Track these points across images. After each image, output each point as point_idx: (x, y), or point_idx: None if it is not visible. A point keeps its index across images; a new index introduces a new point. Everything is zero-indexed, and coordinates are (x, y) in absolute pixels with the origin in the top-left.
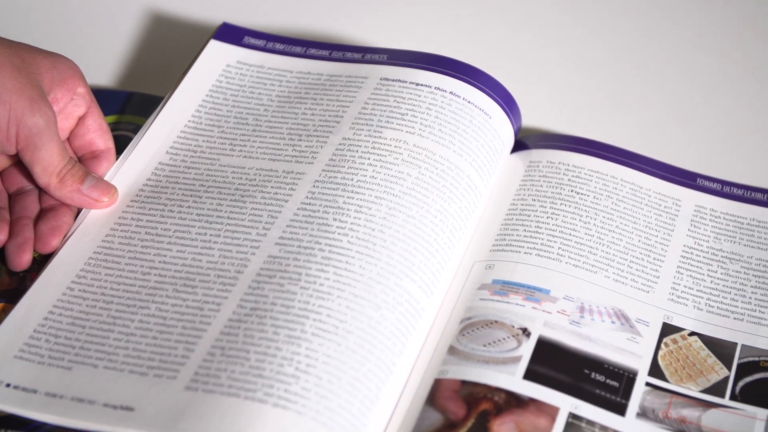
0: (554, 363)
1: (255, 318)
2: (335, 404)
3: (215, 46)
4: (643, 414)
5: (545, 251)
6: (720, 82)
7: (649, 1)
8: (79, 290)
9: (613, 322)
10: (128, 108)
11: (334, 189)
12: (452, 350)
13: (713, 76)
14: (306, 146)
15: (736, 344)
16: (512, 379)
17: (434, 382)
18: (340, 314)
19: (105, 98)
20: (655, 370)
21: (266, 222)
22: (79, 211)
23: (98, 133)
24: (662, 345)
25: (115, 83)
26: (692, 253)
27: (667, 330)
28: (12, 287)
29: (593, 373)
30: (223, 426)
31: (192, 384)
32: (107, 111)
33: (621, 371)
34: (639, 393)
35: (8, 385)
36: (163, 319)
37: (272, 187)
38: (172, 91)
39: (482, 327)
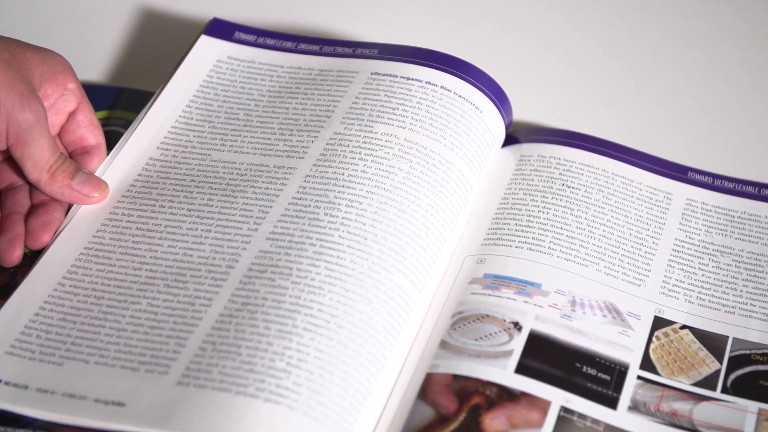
0: (546, 357)
1: (246, 313)
2: (327, 399)
3: (206, 42)
4: (635, 407)
5: (536, 245)
6: (711, 76)
7: None
8: (71, 286)
9: (605, 316)
10: (119, 103)
11: (325, 184)
12: (444, 344)
13: (704, 70)
14: (297, 141)
15: (728, 337)
16: (504, 373)
17: (426, 377)
18: (332, 309)
19: (96, 94)
20: (647, 364)
21: (257, 217)
22: (70, 207)
23: (89, 129)
24: (654, 338)
25: (106, 79)
26: (683, 247)
27: (659, 323)
28: (3, 283)
29: (585, 367)
30: (215, 421)
31: (183, 379)
32: (98, 106)
33: (612, 365)
34: (631, 386)
35: None
36: (155, 315)
37: (263, 182)
38: (163, 87)
39: (474, 321)
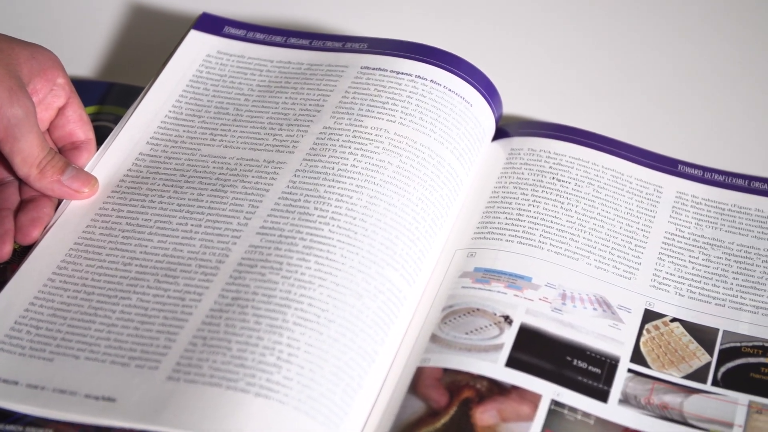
0: (536, 350)
1: (236, 308)
2: (317, 393)
3: (195, 37)
4: (626, 400)
5: (527, 239)
6: (701, 69)
7: None
8: (60, 281)
9: (595, 309)
10: (109, 99)
11: (315, 178)
12: (434, 338)
13: (695, 63)
14: (287, 135)
15: (718, 330)
16: (494, 367)
17: (416, 371)
18: (322, 303)
19: (85, 89)
20: (637, 357)
21: (247, 212)
22: (60, 202)
23: (78, 124)
24: (644, 331)
25: (96, 74)
26: (674, 240)
27: (649, 316)
28: None
29: (575, 360)
30: (206, 416)
31: (174, 374)
32: (87, 102)
33: (603, 358)
34: (621, 379)
35: None
36: (145, 310)
37: (253, 177)
38: (152, 82)
39: (464, 315)
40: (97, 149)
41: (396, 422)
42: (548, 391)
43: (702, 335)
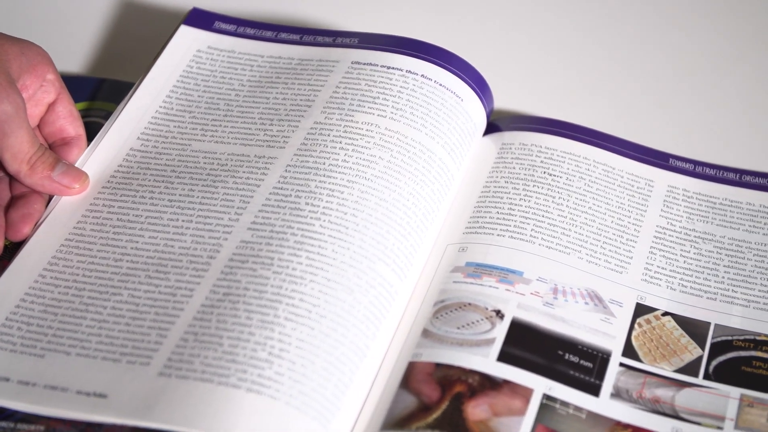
0: (528, 345)
1: (228, 303)
2: (309, 388)
3: (185, 32)
4: (617, 394)
5: (518, 233)
6: (692, 63)
7: None
8: (51, 277)
9: (587, 303)
10: (99, 94)
11: (306, 173)
12: (426, 333)
13: (686, 57)
14: (278, 131)
15: (709, 324)
16: (486, 361)
17: (408, 365)
18: (313, 298)
19: (76, 85)
20: (629, 351)
21: (238, 207)
22: (51, 198)
23: (68, 120)
24: (636, 325)
25: (86, 70)
26: (665, 234)
27: (641, 310)
28: None
29: (567, 354)
30: (197, 412)
31: (165, 370)
32: (78, 98)
33: (595, 352)
34: (613, 373)
35: None
36: (136, 306)
37: (244, 172)
38: (143, 77)
39: (456, 309)
40: (88, 145)
41: (388, 417)
42: (540, 386)
43: (693, 329)
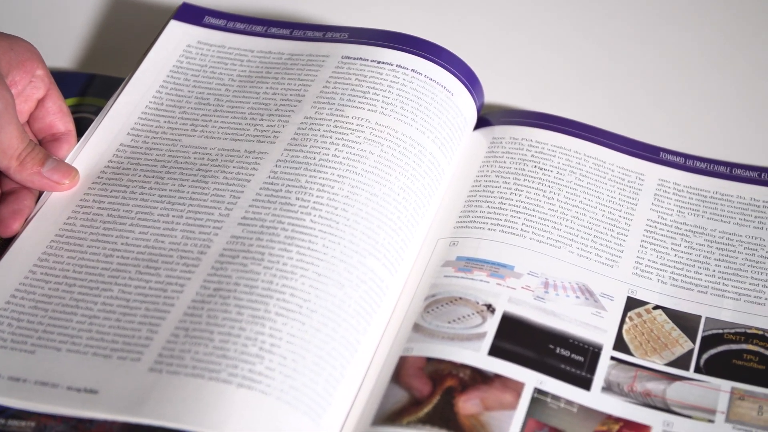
0: (519, 339)
1: (218, 298)
2: (300, 383)
3: (175, 27)
4: (609, 388)
5: (509, 227)
6: (683, 57)
7: None
8: (42, 273)
9: (578, 297)
10: (90, 90)
11: (297, 168)
12: (417, 327)
13: (676, 50)
14: (268, 126)
15: (700, 317)
16: (477, 356)
17: (399, 360)
18: (304, 293)
19: (65, 80)
20: (620, 344)
21: (229, 202)
22: (41, 194)
23: (58, 116)
24: (627, 319)
25: (76, 65)
26: (656, 227)
27: (632, 304)
28: None
29: (558, 348)
30: (188, 407)
31: (156, 366)
32: (68, 93)
33: (586, 346)
34: (604, 367)
35: None
36: (127, 301)
37: (234, 167)
38: (133, 73)
39: (447, 304)
40: (78, 141)
41: (379, 412)
42: (531, 380)
43: (684, 322)
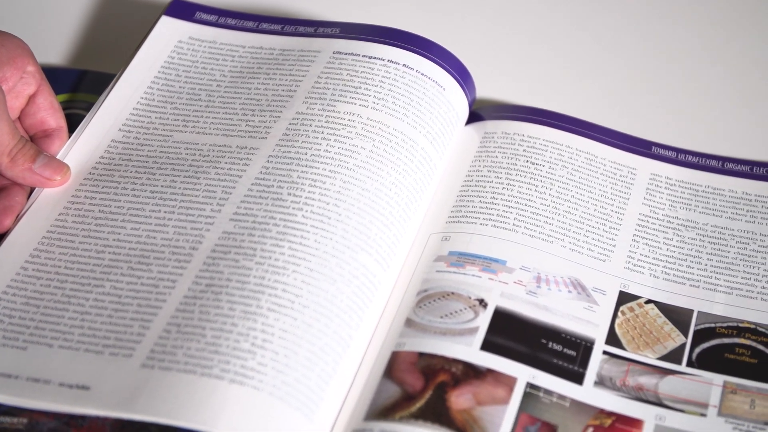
0: (511, 333)
1: (210, 294)
2: (292, 379)
3: (167, 22)
4: (601, 382)
5: (501, 222)
6: (674, 51)
7: None
8: (33, 270)
9: (570, 292)
10: (81, 86)
11: (288, 163)
12: (409, 322)
13: (667, 45)
14: (259, 121)
15: (693, 311)
16: (469, 350)
17: (391, 355)
18: (296, 289)
19: (57, 77)
20: (612, 339)
21: (220, 198)
22: (32, 191)
23: (49, 112)
24: (619, 313)
25: (67, 61)
26: (648, 221)
27: (624, 298)
28: None
29: (550, 343)
30: (180, 403)
31: (148, 362)
32: (59, 89)
33: (578, 340)
34: (596, 361)
35: None
36: (118, 297)
37: (226, 163)
38: (124, 68)
39: (439, 299)
40: (69, 137)
41: (371, 407)
42: (523, 374)
43: (677, 316)
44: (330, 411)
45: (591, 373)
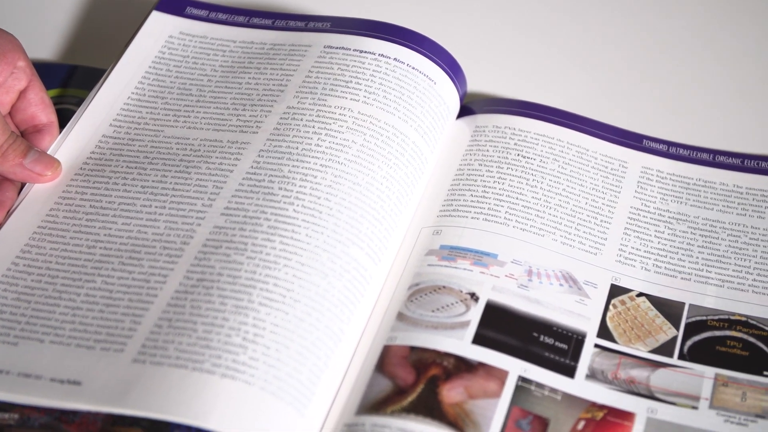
0: (503, 327)
1: (202, 289)
2: (284, 373)
3: (157, 17)
4: (593, 375)
5: (492, 216)
6: (665, 44)
7: None
8: (24, 265)
9: (562, 285)
10: (72, 81)
11: (279, 158)
12: (401, 316)
13: (658, 38)
14: (250, 116)
15: (684, 304)
16: (461, 344)
17: (383, 349)
18: (287, 283)
19: (47, 72)
20: (604, 332)
21: (211, 192)
22: (23, 186)
23: (40, 107)
24: (610, 306)
25: (58, 56)
26: (639, 215)
27: (615, 291)
28: None
29: (542, 336)
30: (172, 398)
31: (139, 357)
32: (50, 84)
33: (570, 333)
34: (588, 355)
35: None
36: (110, 292)
37: (217, 158)
38: (114, 64)
39: (430, 293)
40: (60, 132)
41: (363, 401)
42: (515, 368)
43: (668, 309)
44: (321, 405)
45: (582, 367)
